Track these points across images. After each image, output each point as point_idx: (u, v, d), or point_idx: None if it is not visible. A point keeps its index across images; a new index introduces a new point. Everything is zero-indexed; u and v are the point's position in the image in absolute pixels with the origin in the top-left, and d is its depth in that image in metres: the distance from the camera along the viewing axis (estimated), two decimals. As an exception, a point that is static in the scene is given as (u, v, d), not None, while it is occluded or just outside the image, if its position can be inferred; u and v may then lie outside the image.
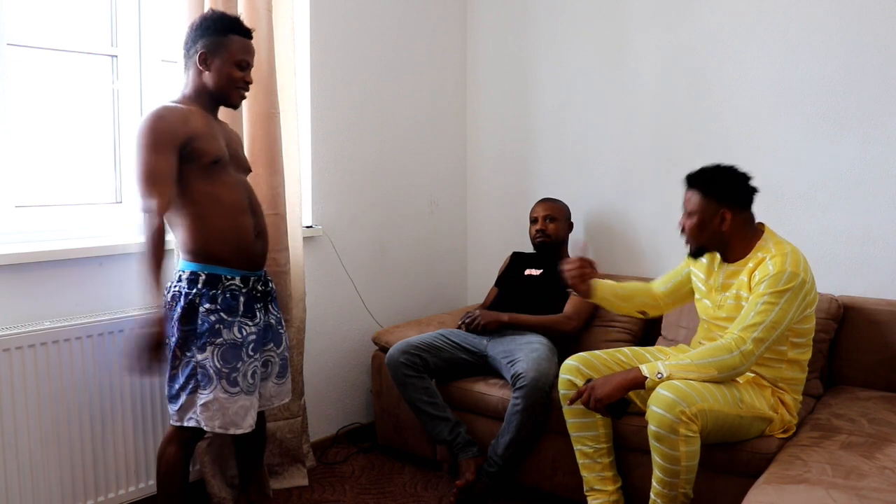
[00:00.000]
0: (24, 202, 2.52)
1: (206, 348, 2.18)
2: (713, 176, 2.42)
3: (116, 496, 2.54)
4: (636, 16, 3.36)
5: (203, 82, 2.23)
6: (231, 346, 2.20)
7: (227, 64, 2.22)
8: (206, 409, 2.19)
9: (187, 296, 2.19)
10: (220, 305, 2.19)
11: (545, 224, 3.30)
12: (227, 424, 2.22)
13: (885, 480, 1.94)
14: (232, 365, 2.20)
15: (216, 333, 2.18)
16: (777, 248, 2.36)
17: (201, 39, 2.21)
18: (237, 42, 2.24)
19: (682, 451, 2.15)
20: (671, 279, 2.69)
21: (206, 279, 2.19)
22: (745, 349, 2.23)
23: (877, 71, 2.82)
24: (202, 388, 2.19)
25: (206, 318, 2.17)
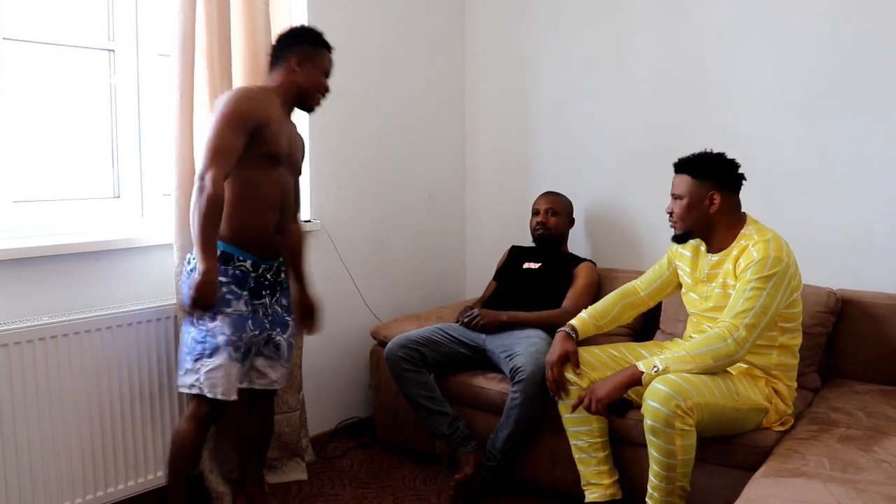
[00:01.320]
0: (22, 197, 2.51)
1: (217, 316, 2.30)
2: (702, 159, 2.47)
3: (116, 491, 2.54)
4: (635, 12, 3.35)
5: (293, 81, 2.44)
6: (239, 316, 2.34)
7: (317, 70, 2.48)
8: (209, 375, 2.30)
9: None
10: (231, 278, 2.33)
11: (546, 217, 3.31)
12: (229, 390, 2.33)
13: (883, 473, 1.94)
14: (238, 335, 2.33)
15: (227, 304, 2.31)
16: (759, 234, 2.39)
17: (300, 45, 2.46)
18: (328, 56, 2.53)
19: (679, 445, 2.16)
20: (654, 280, 2.73)
21: (221, 255, 2.31)
22: (738, 336, 2.24)
23: (875, 65, 2.81)
24: (207, 357, 2.31)
25: (220, 288, 2.28)
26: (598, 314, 2.68)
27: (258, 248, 2.40)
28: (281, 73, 2.46)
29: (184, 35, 2.52)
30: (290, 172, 2.51)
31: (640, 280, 2.77)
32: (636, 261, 3.40)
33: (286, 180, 2.48)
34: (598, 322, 2.67)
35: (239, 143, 2.26)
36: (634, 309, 2.73)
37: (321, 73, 2.50)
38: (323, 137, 3.21)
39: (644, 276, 2.77)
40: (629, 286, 2.76)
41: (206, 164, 2.21)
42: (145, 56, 2.72)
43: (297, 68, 2.44)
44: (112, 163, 2.74)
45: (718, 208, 2.42)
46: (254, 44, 2.73)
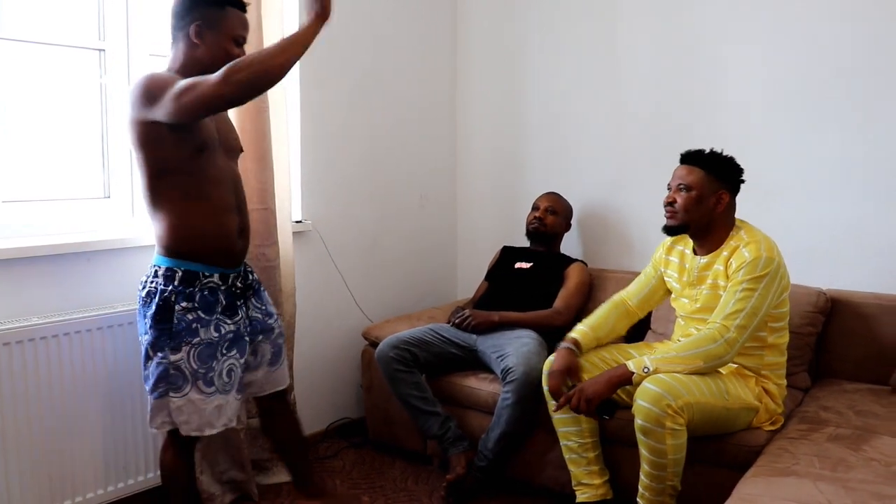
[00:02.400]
0: (12, 197, 2.50)
1: (182, 348, 2.06)
2: (717, 157, 2.45)
3: (106, 493, 2.53)
4: (627, 10, 3.36)
5: (195, 56, 2.05)
6: (207, 345, 2.09)
7: (223, 38, 2.05)
8: (179, 412, 2.09)
9: (163, 293, 2.07)
10: (198, 304, 2.07)
11: (545, 214, 3.32)
12: (203, 426, 2.12)
13: (872, 472, 1.95)
14: (208, 365, 2.09)
15: (193, 333, 2.07)
16: (749, 235, 2.40)
17: (196, 10, 2.03)
18: (235, 16, 2.07)
19: (669, 445, 2.16)
20: (642, 289, 2.71)
21: (182, 276, 2.07)
22: (728, 337, 2.25)
23: (865, 66, 2.83)
24: (174, 392, 2.08)
25: (183, 316, 2.06)
26: (597, 325, 2.63)
27: (222, 258, 2.14)
28: (181, 49, 2.06)
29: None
30: (231, 159, 2.20)
31: (627, 292, 2.74)
32: (628, 261, 3.41)
33: (231, 171, 2.18)
34: (597, 334, 2.62)
35: None
36: (627, 319, 2.71)
37: (228, 40, 2.06)
38: (314, 138, 3.21)
39: (631, 287, 2.75)
40: (618, 298, 2.73)
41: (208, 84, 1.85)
42: (136, 56, 2.71)
43: (196, 40, 2.03)
44: (102, 163, 2.72)
45: (723, 208, 2.42)
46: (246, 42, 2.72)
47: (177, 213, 2.06)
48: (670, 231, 2.51)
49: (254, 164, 2.76)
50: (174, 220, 2.06)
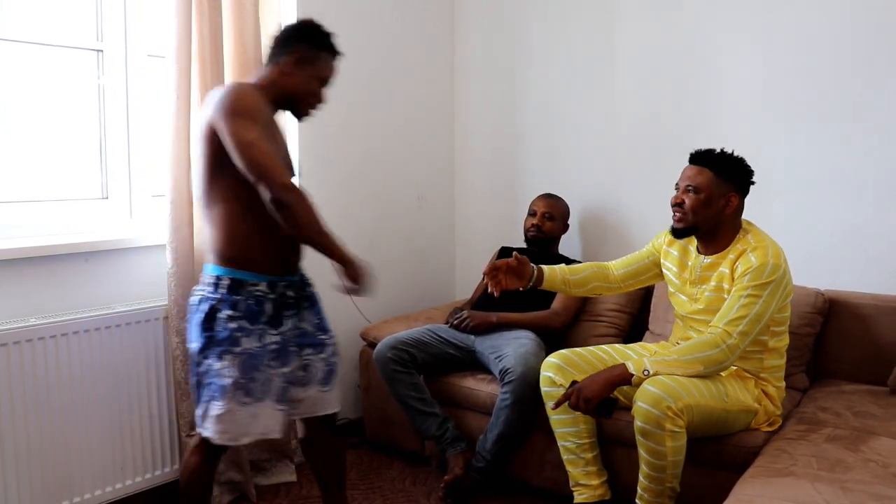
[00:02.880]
0: (10, 198, 2.50)
1: (225, 357, 2.05)
2: (727, 158, 2.42)
3: (104, 493, 2.53)
4: (624, 11, 3.36)
5: (284, 83, 2.16)
6: (250, 356, 2.07)
7: (313, 76, 2.18)
8: (217, 420, 2.07)
9: (209, 300, 2.07)
10: (242, 312, 2.07)
11: (542, 220, 3.30)
12: (238, 435, 2.10)
13: (870, 473, 1.95)
14: (249, 376, 2.07)
15: (235, 342, 2.06)
16: (757, 240, 2.38)
17: (299, 43, 2.17)
18: (328, 61, 2.22)
19: (669, 446, 2.16)
20: (632, 263, 2.67)
21: (229, 284, 2.07)
22: (730, 343, 2.24)
23: (863, 67, 2.83)
24: (216, 399, 2.07)
25: (226, 325, 2.05)
26: (567, 270, 2.62)
27: (272, 266, 2.13)
28: (273, 70, 2.17)
29: (179, 37, 2.52)
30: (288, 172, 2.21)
31: (613, 262, 2.70)
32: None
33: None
34: (565, 276, 2.59)
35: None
36: (604, 282, 2.65)
37: (317, 80, 2.20)
38: (311, 139, 3.20)
39: (620, 259, 2.71)
40: (602, 263, 2.71)
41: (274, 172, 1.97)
42: (134, 57, 2.71)
43: (290, 69, 2.16)
44: (100, 163, 2.72)
45: (732, 211, 2.40)
46: (243, 45, 2.72)
47: (230, 215, 2.07)
48: (678, 234, 2.47)
49: (252, 165, 2.77)
50: (229, 225, 2.07)
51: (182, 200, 2.58)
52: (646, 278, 2.69)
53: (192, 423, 2.66)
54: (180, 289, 2.59)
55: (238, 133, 1.96)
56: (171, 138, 2.55)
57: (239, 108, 1.99)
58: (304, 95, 2.18)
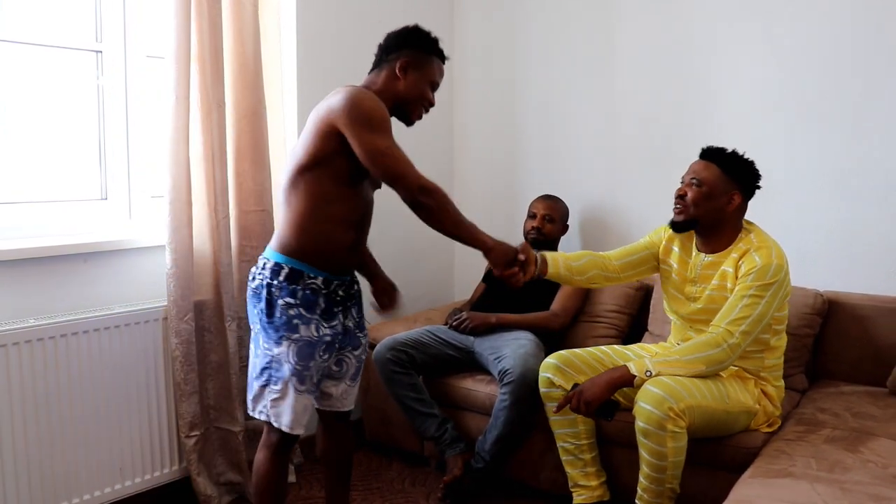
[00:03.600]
0: (9, 199, 2.50)
1: (283, 342, 2.09)
2: (736, 157, 2.42)
3: (103, 494, 2.53)
4: (623, 11, 3.36)
5: (394, 88, 2.19)
6: (307, 343, 2.10)
7: (423, 80, 2.21)
8: (275, 405, 2.12)
9: (269, 287, 2.10)
10: (300, 301, 2.09)
11: (543, 223, 3.29)
12: (293, 423, 2.13)
13: (869, 473, 1.96)
14: (304, 363, 2.10)
15: (293, 329, 2.09)
16: (760, 240, 2.37)
17: (407, 49, 2.21)
18: (437, 64, 2.26)
19: (670, 447, 2.16)
20: (631, 254, 2.62)
21: (287, 273, 2.09)
22: (732, 342, 2.24)
23: (863, 67, 2.84)
24: (273, 383, 2.11)
25: (285, 311, 2.08)
26: (569, 255, 2.56)
27: (331, 265, 2.15)
28: (383, 76, 2.20)
29: (178, 38, 2.52)
30: (371, 186, 2.27)
31: (611, 251, 2.65)
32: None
33: (369, 196, 2.25)
34: (568, 263, 2.52)
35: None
36: (602, 270, 2.58)
37: (427, 83, 2.23)
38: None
39: (617, 249, 2.66)
40: (599, 252, 2.64)
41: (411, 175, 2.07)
42: (133, 57, 2.71)
43: (400, 74, 2.19)
44: (100, 164, 2.72)
45: (734, 209, 2.40)
46: (242, 45, 2.72)
47: (308, 210, 2.08)
48: (677, 227, 2.45)
49: (251, 166, 2.77)
50: (301, 221, 2.09)
51: (181, 201, 2.58)
52: (644, 269, 2.64)
53: (191, 423, 2.67)
54: (179, 289, 2.59)
55: (373, 142, 2.02)
56: (170, 139, 2.55)
57: (372, 119, 2.03)
58: (414, 99, 2.22)
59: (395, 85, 2.19)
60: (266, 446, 2.18)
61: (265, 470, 2.18)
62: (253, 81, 2.74)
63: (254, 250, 2.79)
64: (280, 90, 2.90)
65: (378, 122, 2.04)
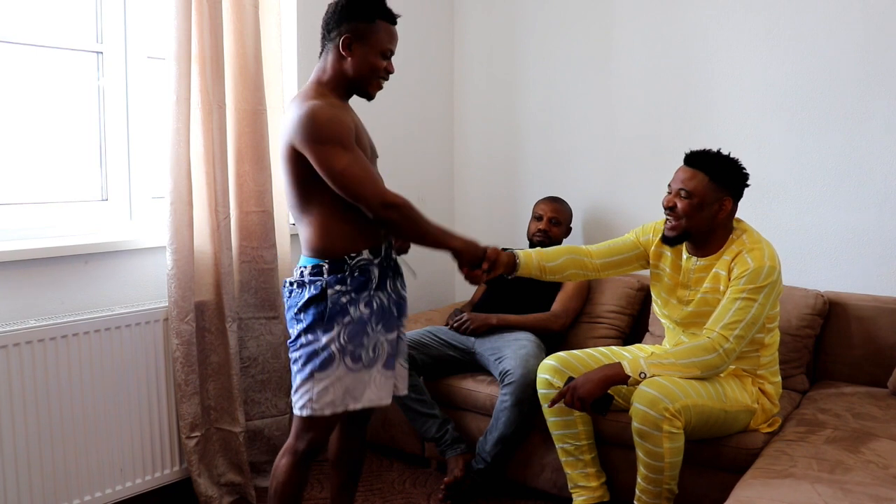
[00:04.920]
0: (9, 200, 2.50)
1: (334, 327, 2.01)
2: (722, 161, 2.36)
3: (104, 495, 2.53)
4: (623, 13, 3.36)
5: (343, 68, 2.05)
6: (358, 322, 2.03)
7: (372, 52, 2.05)
8: (325, 392, 2.01)
9: (316, 284, 2.03)
10: (350, 286, 2.02)
11: (549, 225, 3.28)
12: (348, 401, 2.03)
13: (870, 474, 1.96)
14: (356, 341, 2.03)
15: (344, 312, 2.02)
16: (752, 241, 2.35)
17: (346, 22, 2.03)
18: (384, 29, 2.07)
19: (666, 448, 2.16)
20: (614, 254, 2.59)
21: (329, 267, 2.02)
22: (727, 347, 2.23)
23: (861, 69, 2.84)
24: (319, 370, 2.01)
25: (337, 299, 2.01)
26: (544, 257, 2.52)
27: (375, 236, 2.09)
28: (330, 60, 2.06)
29: (179, 39, 2.52)
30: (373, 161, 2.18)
31: (595, 246, 2.61)
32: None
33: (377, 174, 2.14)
34: (542, 263, 2.50)
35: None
36: (581, 269, 2.56)
37: (377, 54, 2.06)
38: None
39: (601, 245, 2.62)
40: (581, 247, 2.61)
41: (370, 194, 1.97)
42: (134, 58, 2.71)
43: (345, 53, 2.02)
44: (100, 165, 2.72)
45: (724, 215, 2.36)
46: (243, 46, 2.72)
47: (325, 218, 2.03)
48: (671, 242, 2.43)
49: (251, 167, 2.77)
50: (324, 223, 2.03)
51: (182, 202, 2.58)
52: (626, 269, 2.62)
53: (192, 424, 2.67)
54: (180, 290, 2.60)
55: (327, 162, 1.93)
56: (170, 140, 2.55)
57: (322, 135, 1.93)
58: (366, 75, 2.07)
59: (342, 66, 2.05)
60: (291, 453, 2.09)
61: (286, 478, 2.09)
62: (253, 82, 2.74)
63: (255, 251, 2.80)
64: (280, 91, 2.90)
65: (332, 137, 1.94)
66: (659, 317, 2.63)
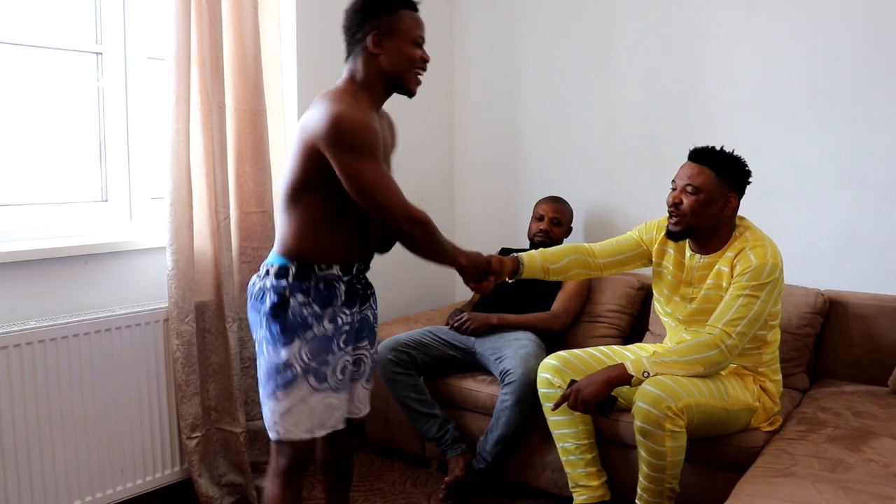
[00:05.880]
0: (9, 201, 2.50)
1: (294, 341, 1.91)
2: (728, 158, 2.37)
3: (104, 496, 2.53)
4: (623, 13, 3.36)
5: (377, 66, 1.96)
6: (321, 338, 1.93)
7: (403, 43, 1.95)
8: (289, 414, 1.92)
9: (276, 289, 1.94)
10: (313, 298, 1.93)
11: (550, 226, 3.27)
12: (314, 427, 1.95)
13: (871, 473, 1.95)
14: (320, 359, 1.93)
15: (306, 327, 1.92)
16: (755, 238, 2.36)
17: (369, 20, 1.94)
18: (410, 17, 1.98)
19: (668, 447, 2.16)
20: (617, 253, 2.59)
21: (295, 271, 1.93)
22: (729, 344, 2.23)
23: (863, 67, 2.84)
24: (281, 390, 1.92)
25: (299, 310, 1.92)
26: (548, 258, 2.51)
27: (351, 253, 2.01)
28: (360, 62, 1.96)
29: (178, 39, 2.52)
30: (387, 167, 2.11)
31: (598, 245, 2.61)
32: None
33: None
34: (546, 265, 2.49)
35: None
36: (585, 269, 2.56)
37: (408, 43, 1.97)
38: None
39: (605, 243, 2.62)
40: (584, 246, 2.60)
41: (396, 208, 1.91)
42: (133, 59, 2.71)
43: (376, 50, 1.94)
44: (100, 166, 2.72)
45: (729, 212, 2.37)
46: (242, 47, 2.72)
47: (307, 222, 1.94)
48: (676, 237, 2.43)
49: (251, 167, 2.77)
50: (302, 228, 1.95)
51: (182, 203, 2.58)
52: (629, 267, 2.63)
53: (192, 424, 2.67)
54: (180, 291, 2.60)
55: (355, 172, 1.85)
56: (170, 140, 2.55)
57: (354, 143, 1.84)
58: (404, 68, 1.98)
59: (376, 64, 1.96)
60: (276, 475, 2.01)
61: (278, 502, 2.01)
62: (253, 83, 2.74)
63: (255, 251, 2.80)
64: (280, 91, 2.90)
65: (363, 146, 1.85)
66: (661, 315, 2.63)
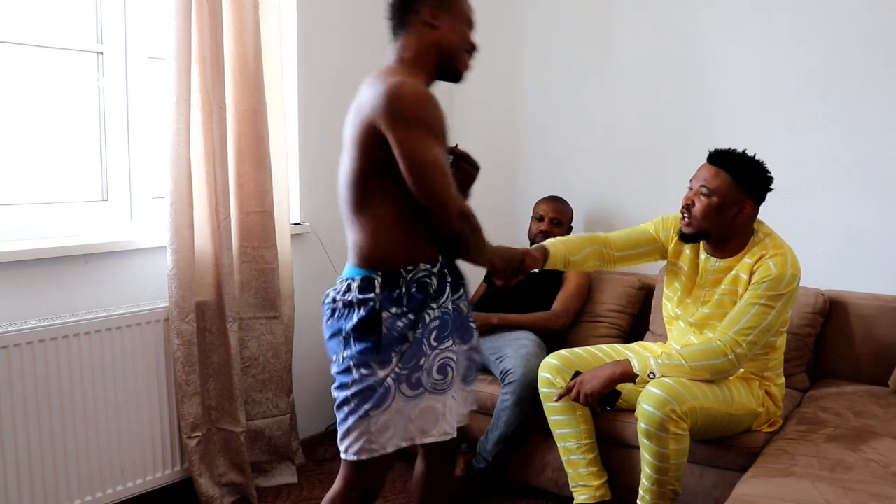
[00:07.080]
0: (9, 200, 2.50)
1: (392, 358, 1.75)
2: (747, 161, 2.32)
3: (104, 496, 2.53)
4: (623, 13, 3.36)
5: (434, 39, 1.81)
6: (414, 343, 1.77)
7: (459, 21, 1.83)
8: (384, 429, 1.75)
9: (366, 303, 1.76)
10: (407, 306, 1.77)
11: (550, 226, 3.27)
12: (413, 433, 1.77)
13: (871, 473, 1.96)
14: (412, 364, 1.76)
15: (403, 339, 1.76)
16: (775, 246, 2.31)
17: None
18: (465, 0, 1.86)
19: (672, 449, 2.16)
20: (632, 247, 2.53)
21: (382, 282, 1.77)
22: (739, 352, 2.21)
23: (863, 67, 2.84)
24: (374, 408, 1.74)
25: (393, 324, 1.75)
26: (571, 249, 2.44)
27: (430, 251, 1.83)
28: (413, 40, 1.81)
29: (179, 39, 2.52)
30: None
31: (615, 236, 2.55)
32: (626, 263, 3.41)
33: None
34: (568, 257, 2.43)
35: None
36: (600, 260, 2.51)
37: (464, 23, 1.85)
38: (312, 139, 3.21)
39: (619, 235, 2.55)
40: (601, 236, 2.54)
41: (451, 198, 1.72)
42: (134, 58, 2.71)
43: (433, 22, 1.79)
44: (100, 165, 2.72)
45: (745, 218, 2.32)
46: (243, 46, 2.72)
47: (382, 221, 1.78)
48: (687, 240, 2.40)
49: (252, 167, 2.77)
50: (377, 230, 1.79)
51: (182, 202, 2.58)
52: (643, 261, 2.59)
53: (193, 424, 2.67)
54: (181, 290, 2.60)
55: (414, 149, 1.68)
56: (171, 140, 2.55)
57: (415, 116, 1.68)
58: (459, 46, 1.84)
59: (432, 39, 1.81)
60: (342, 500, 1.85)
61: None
62: (253, 82, 2.74)
63: (255, 251, 2.80)
64: (281, 91, 2.90)
65: (425, 121, 1.69)
66: (669, 315, 2.58)
